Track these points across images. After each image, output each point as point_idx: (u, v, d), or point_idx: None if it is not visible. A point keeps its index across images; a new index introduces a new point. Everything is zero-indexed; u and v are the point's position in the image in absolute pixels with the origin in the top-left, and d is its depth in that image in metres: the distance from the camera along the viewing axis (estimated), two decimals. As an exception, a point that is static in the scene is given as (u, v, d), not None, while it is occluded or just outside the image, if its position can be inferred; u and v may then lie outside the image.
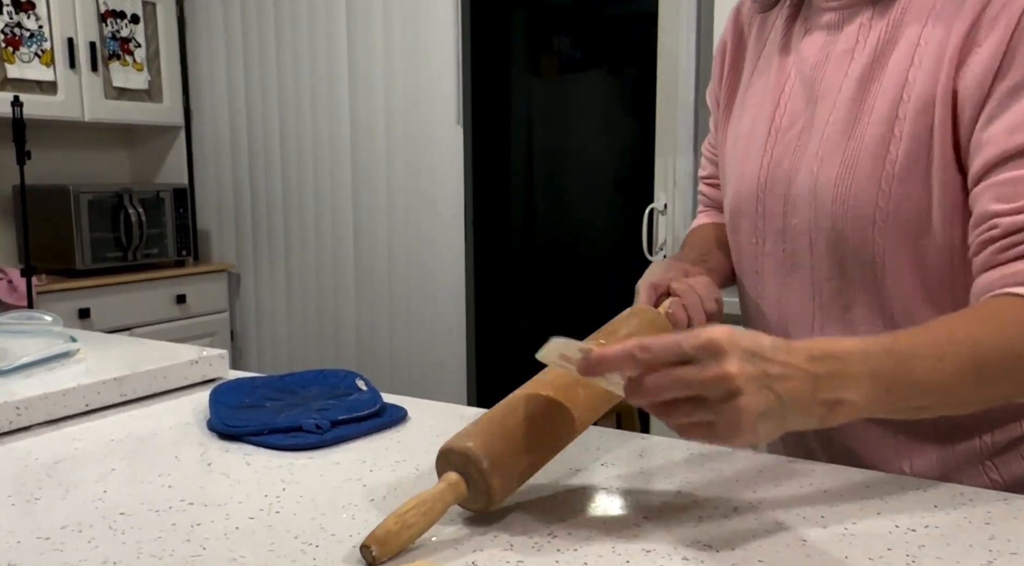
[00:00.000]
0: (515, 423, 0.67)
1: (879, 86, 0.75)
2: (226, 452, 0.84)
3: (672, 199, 2.63)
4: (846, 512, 0.68)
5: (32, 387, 0.96)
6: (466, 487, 0.64)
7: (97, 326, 2.96)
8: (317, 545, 0.63)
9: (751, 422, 0.55)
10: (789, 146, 0.82)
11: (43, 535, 0.65)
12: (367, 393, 0.98)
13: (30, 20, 2.91)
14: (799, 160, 0.80)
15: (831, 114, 0.78)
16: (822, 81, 0.80)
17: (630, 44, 4.19)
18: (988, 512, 0.67)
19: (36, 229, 2.98)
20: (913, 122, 0.72)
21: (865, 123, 0.75)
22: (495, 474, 0.64)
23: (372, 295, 3.21)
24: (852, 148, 0.75)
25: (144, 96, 3.32)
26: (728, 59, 0.95)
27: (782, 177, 0.82)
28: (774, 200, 0.83)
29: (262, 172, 3.41)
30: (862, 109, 0.76)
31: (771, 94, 0.85)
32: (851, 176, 0.75)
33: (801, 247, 0.81)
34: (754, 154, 0.85)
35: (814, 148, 0.78)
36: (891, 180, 0.73)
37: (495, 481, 0.64)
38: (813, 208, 0.78)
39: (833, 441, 0.88)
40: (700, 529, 0.65)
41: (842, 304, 0.80)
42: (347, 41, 3.12)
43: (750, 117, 0.88)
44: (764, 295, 0.88)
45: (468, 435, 0.66)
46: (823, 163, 0.77)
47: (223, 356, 1.14)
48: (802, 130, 0.81)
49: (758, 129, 0.86)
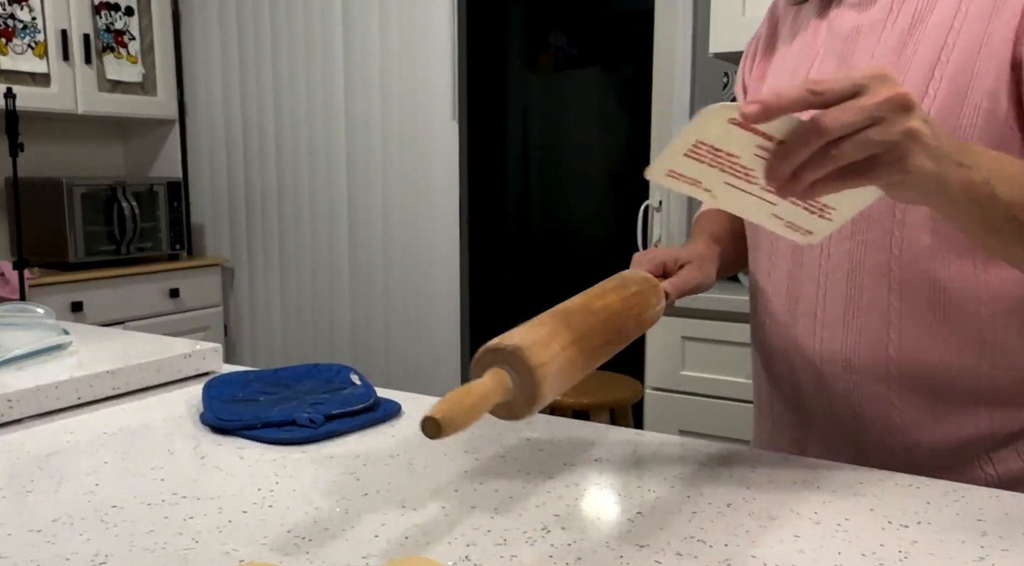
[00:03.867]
0: (556, 320, 0.68)
1: (914, 51, 0.77)
2: (219, 446, 0.84)
3: (667, 196, 2.63)
4: (839, 508, 0.68)
5: (24, 379, 0.96)
6: (511, 382, 0.62)
7: (90, 320, 2.95)
8: (310, 539, 0.63)
9: (921, 143, 0.56)
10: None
11: (35, 528, 0.65)
12: (361, 387, 0.98)
13: (23, 12, 2.90)
14: None
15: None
16: (854, 52, 0.82)
17: (626, 41, 4.19)
18: (980, 509, 0.67)
19: (29, 222, 2.97)
20: (952, 81, 0.74)
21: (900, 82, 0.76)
22: (538, 366, 0.62)
23: (366, 290, 3.20)
24: None
25: (138, 89, 3.31)
26: (760, 49, 0.97)
27: None
28: None
29: (257, 166, 3.40)
30: (896, 73, 0.77)
31: (800, 71, 0.87)
32: None
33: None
34: None
35: None
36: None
37: (539, 373, 0.62)
38: None
39: (831, 423, 0.88)
40: (693, 524, 0.65)
41: (849, 267, 0.81)
42: (343, 35, 3.11)
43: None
44: (775, 266, 0.89)
45: (509, 336, 0.64)
46: None
47: (217, 349, 1.14)
48: None
49: None
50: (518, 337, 0.64)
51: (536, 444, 0.84)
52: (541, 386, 0.62)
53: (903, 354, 0.79)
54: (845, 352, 0.82)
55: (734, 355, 2.06)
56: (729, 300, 2.01)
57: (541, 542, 0.62)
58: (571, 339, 0.67)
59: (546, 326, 0.67)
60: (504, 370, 0.62)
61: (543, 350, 0.64)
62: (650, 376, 2.19)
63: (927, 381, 0.79)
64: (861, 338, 0.81)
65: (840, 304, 0.82)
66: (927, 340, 0.78)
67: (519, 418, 0.63)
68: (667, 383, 2.16)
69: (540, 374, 0.62)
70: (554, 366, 0.64)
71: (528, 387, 0.62)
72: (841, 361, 0.83)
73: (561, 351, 0.65)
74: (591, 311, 0.72)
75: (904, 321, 0.78)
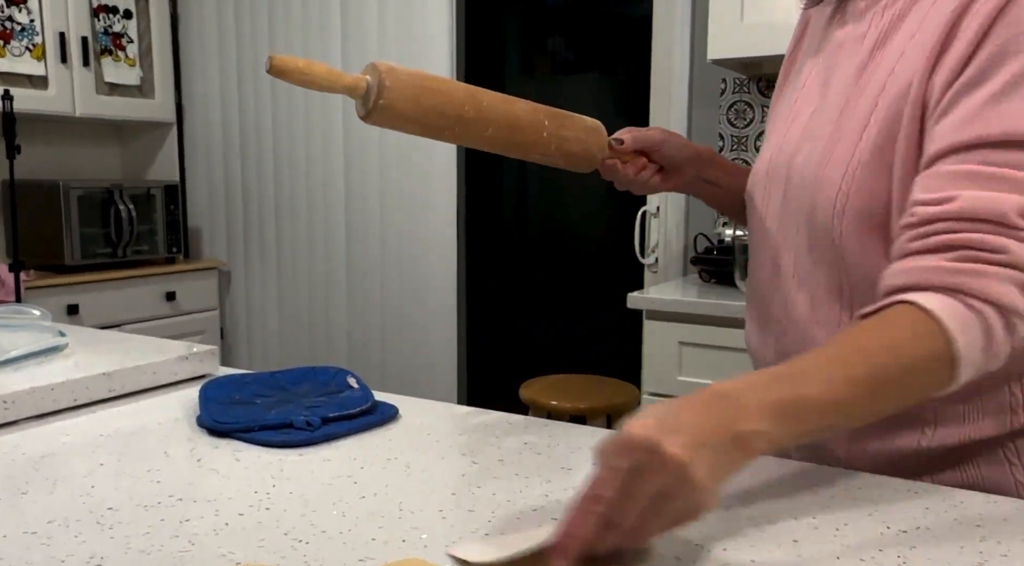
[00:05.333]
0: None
1: (870, 75, 0.77)
2: (215, 448, 0.84)
3: (664, 202, 2.63)
4: (837, 513, 0.68)
5: (20, 381, 0.96)
6: (367, 83, 0.77)
7: (86, 322, 2.94)
8: (307, 542, 0.62)
9: (705, 477, 0.54)
10: (797, 132, 0.85)
11: (30, 529, 0.65)
12: (358, 391, 0.98)
13: (21, 14, 2.90)
14: (802, 143, 0.83)
15: (833, 100, 0.80)
16: (835, 67, 0.82)
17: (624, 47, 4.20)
18: (979, 514, 0.67)
19: (25, 224, 2.96)
20: (886, 111, 0.73)
21: (852, 109, 0.77)
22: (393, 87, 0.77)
23: (363, 294, 3.20)
24: (835, 133, 0.78)
25: (136, 92, 3.30)
26: (787, 59, 0.98)
27: (784, 160, 0.85)
28: (777, 181, 0.86)
29: (254, 169, 3.40)
30: (853, 95, 0.77)
31: (798, 82, 0.89)
32: (828, 160, 0.77)
33: (792, 225, 0.84)
34: (772, 140, 0.89)
35: (815, 132, 0.81)
36: (856, 167, 0.75)
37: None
38: (804, 189, 0.81)
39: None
40: (692, 529, 0.64)
41: (814, 281, 0.82)
42: (341, 38, 3.11)
43: (779, 106, 0.93)
44: (758, 270, 0.91)
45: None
46: (816, 146, 0.80)
47: (213, 352, 1.13)
48: (812, 114, 0.83)
49: (779, 116, 0.90)
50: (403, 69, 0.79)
51: (534, 448, 0.84)
52: (387, 92, 0.76)
53: None
54: None
55: (730, 360, 2.06)
56: (726, 306, 2.01)
57: (539, 546, 0.62)
58: (464, 96, 0.81)
59: (448, 82, 0.82)
60: (370, 79, 0.77)
61: (412, 82, 0.78)
62: (647, 381, 2.19)
63: None
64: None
65: (804, 315, 0.83)
66: None
67: (368, 115, 0.77)
68: (664, 388, 2.16)
69: (390, 80, 0.76)
70: (411, 90, 0.78)
71: (377, 91, 0.76)
72: None
73: (435, 94, 0.80)
74: (504, 99, 0.86)
75: None
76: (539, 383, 2.64)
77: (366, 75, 0.78)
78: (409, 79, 0.78)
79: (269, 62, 0.72)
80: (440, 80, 0.81)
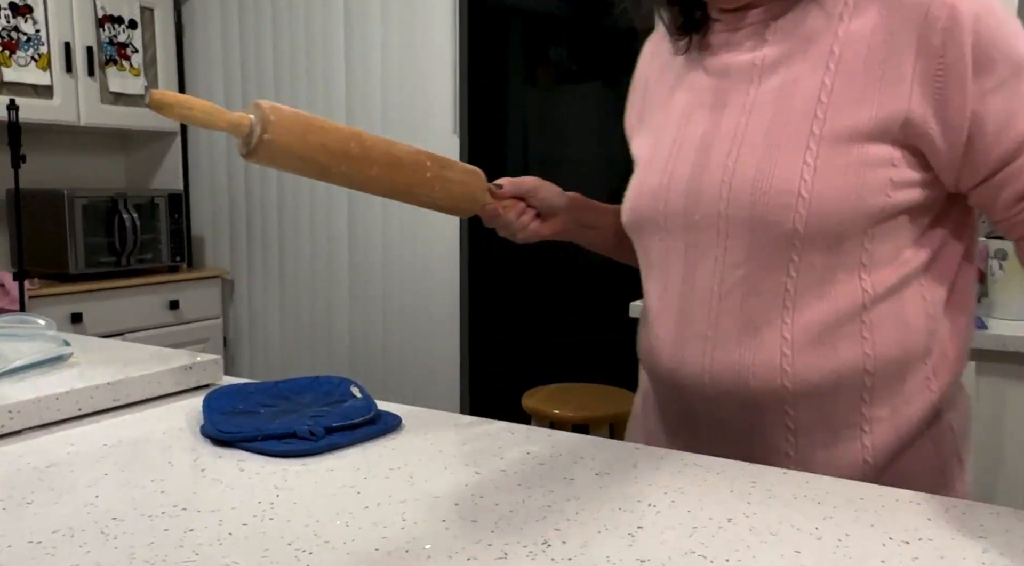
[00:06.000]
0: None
1: (790, 91, 0.82)
2: (219, 458, 0.84)
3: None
4: (840, 524, 0.68)
5: (25, 391, 0.96)
6: (249, 125, 0.76)
7: (90, 331, 2.95)
8: (311, 552, 0.63)
9: None
10: (691, 150, 0.89)
11: (35, 540, 0.65)
12: (361, 400, 0.98)
13: (27, 24, 2.91)
14: (704, 162, 0.87)
15: (745, 118, 0.85)
16: (727, 91, 0.88)
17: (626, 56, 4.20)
18: (981, 525, 0.67)
19: (30, 233, 2.97)
20: (833, 119, 0.79)
21: (783, 124, 0.82)
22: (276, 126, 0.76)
23: (366, 303, 3.20)
24: (771, 145, 0.82)
25: (140, 101, 3.32)
26: (637, 103, 1.04)
27: (684, 178, 0.89)
28: (676, 198, 0.89)
29: (257, 179, 3.41)
30: (780, 109, 0.83)
31: (675, 111, 0.94)
32: (772, 169, 0.81)
33: (706, 240, 0.87)
34: (657, 162, 0.93)
35: (724, 148, 0.85)
36: (813, 174, 0.79)
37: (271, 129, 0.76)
38: (725, 201, 0.84)
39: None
40: (694, 539, 0.65)
41: (745, 291, 0.84)
42: (344, 50, 3.13)
43: (654, 136, 0.96)
44: (666, 289, 0.92)
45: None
46: (739, 161, 0.84)
47: (217, 362, 1.14)
48: (705, 135, 0.88)
49: (662, 141, 0.94)
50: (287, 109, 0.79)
51: (537, 458, 0.84)
52: (272, 127, 0.76)
53: (798, 368, 0.83)
54: (741, 372, 0.85)
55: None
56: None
57: (542, 556, 0.62)
58: (348, 133, 0.82)
59: (332, 122, 0.82)
60: (254, 116, 0.77)
61: (297, 119, 0.78)
62: (650, 390, 2.19)
63: (822, 390, 0.84)
64: (756, 357, 0.84)
65: (735, 325, 0.85)
66: (822, 351, 0.83)
67: (252, 152, 0.76)
68: (666, 398, 2.16)
69: (275, 116, 0.76)
70: (297, 126, 0.78)
71: (262, 126, 0.76)
72: (735, 379, 0.86)
73: (319, 131, 0.80)
74: (387, 141, 0.87)
75: (798, 336, 0.83)
76: (541, 392, 2.64)
77: (249, 113, 0.78)
78: (294, 116, 0.79)
79: (148, 96, 0.72)
80: (324, 119, 0.82)
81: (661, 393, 0.96)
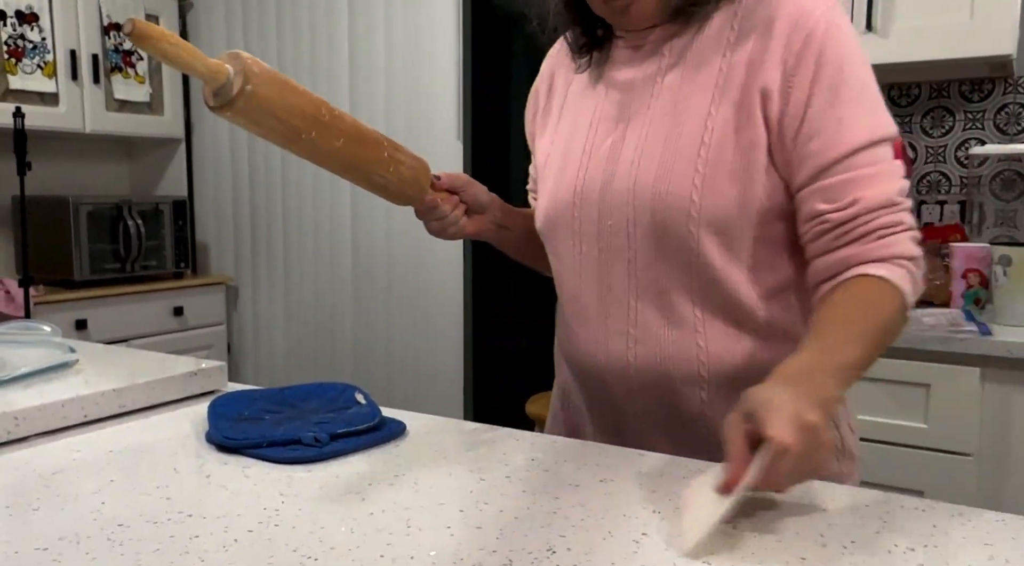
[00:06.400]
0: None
1: (684, 104, 0.90)
2: (224, 464, 0.84)
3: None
4: (845, 530, 0.68)
5: (30, 397, 0.96)
6: (226, 75, 0.74)
7: (94, 338, 2.95)
8: (316, 558, 0.63)
9: (827, 443, 0.68)
10: (601, 160, 0.95)
11: (40, 546, 0.65)
12: (366, 407, 0.98)
13: (33, 32, 2.93)
14: (613, 170, 0.93)
15: (645, 129, 0.92)
16: (631, 103, 0.95)
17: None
18: (987, 532, 0.67)
19: (35, 240, 2.98)
20: (720, 132, 0.87)
21: (677, 135, 0.89)
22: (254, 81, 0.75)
23: (369, 309, 3.21)
24: (667, 154, 0.89)
25: (145, 109, 3.33)
26: (541, 101, 1.09)
27: (595, 186, 0.95)
28: (589, 206, 0.95)
29: (262, 186, 3.42)
30: (675, 121, 0.90)
31: (582, 121, 0.99)
32: (669, 176, 0.88)
33: (618, 244, 0.93)
34: (569, 171, 0.98)
35: (629, 157, 0.92)
36: (703, 180, 0.87)
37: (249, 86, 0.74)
38: (632, 207, 0.91)
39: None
40: (699, 545, 0.65)
41: (657, 290, 0.92)
42: (348, 56, 3.14)
43: (563, 144, 1.01)
44: (584, 291, 0.98)
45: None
46: (640, 169, 0.91)
47: (222, 368, 1.14)
48: (613, 145, 0.94)
49: (572, 150, 0.99)
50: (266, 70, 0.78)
51: (541, 464, 0.84)
52: (255, 78, 0.74)
53: (711, 356, 0.91)
54: (662, 362, 0.93)
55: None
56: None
57: (546, 563, 0.62)
58: (319, 99, 0.82)
59: (304, 89, 0.82)
60: (231, 67, 0.75)
61: (277, 76, 0.77)
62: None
63: (732, 376, 0.91)
64: (675, 349, 0.92)
65: (654, 321, 0.92)
66: (729, 341, 0.91)
67: (229, 103, 0.75)
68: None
69: (258, 68, 0.75)
70: (276, 83, 0.77)
71: (244, 77, 0.74)
72: (657, 371, 0.93)
73: (295, 93, 0.79)
74: (349, 115, 0.88)
75: (708, 329, 0.91)
76: (545, 398, 2.64)
77: (227, 64, 0.75)
78: (274, 72, 0.77)
79: (131, 24, 0.67)
80: (295, 82, 0.81)
81: (587, 388, 1.01)
